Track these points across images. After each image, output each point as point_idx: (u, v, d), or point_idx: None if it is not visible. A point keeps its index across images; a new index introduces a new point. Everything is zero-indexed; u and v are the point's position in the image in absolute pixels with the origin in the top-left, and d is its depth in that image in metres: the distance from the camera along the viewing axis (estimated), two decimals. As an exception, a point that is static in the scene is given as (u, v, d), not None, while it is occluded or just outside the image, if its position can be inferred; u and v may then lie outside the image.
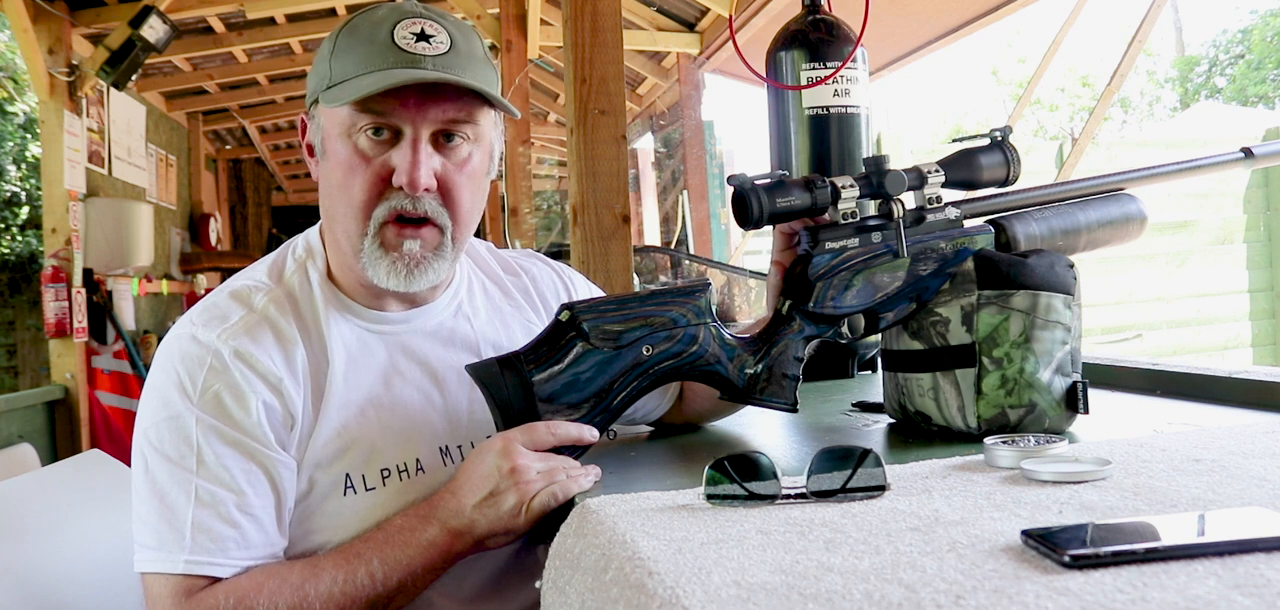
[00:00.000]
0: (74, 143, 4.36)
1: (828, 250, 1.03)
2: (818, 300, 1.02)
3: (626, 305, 1.00)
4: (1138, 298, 5.78)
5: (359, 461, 1.01)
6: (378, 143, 0.99)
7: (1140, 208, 1.14)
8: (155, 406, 0.97)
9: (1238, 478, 0.74)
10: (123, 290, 4.94)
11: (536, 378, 0.97)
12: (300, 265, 1.07)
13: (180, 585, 0.93)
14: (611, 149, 1.95)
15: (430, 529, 0.96)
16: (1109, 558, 0.54)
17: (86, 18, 4.48)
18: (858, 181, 1.04)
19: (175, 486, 0.94)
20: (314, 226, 1.12)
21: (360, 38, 0.99)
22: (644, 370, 0.99)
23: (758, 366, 1.02)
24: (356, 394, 1.02)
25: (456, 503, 0.95)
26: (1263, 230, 6.03)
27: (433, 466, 1.05)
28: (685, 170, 5.39)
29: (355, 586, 0.94)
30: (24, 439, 3.86)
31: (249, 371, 0.97)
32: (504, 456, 0.93)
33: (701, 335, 1.00)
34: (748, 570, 0.59)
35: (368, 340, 1.06)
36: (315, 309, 1.04)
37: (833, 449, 0.78)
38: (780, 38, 1.49)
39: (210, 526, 0.93)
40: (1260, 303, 6.03)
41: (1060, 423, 1.00)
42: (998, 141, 1.07)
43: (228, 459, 0.95)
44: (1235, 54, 16.03)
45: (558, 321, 0.98)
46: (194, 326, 1.00)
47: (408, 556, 0.95)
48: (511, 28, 4.55)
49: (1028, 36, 18.48)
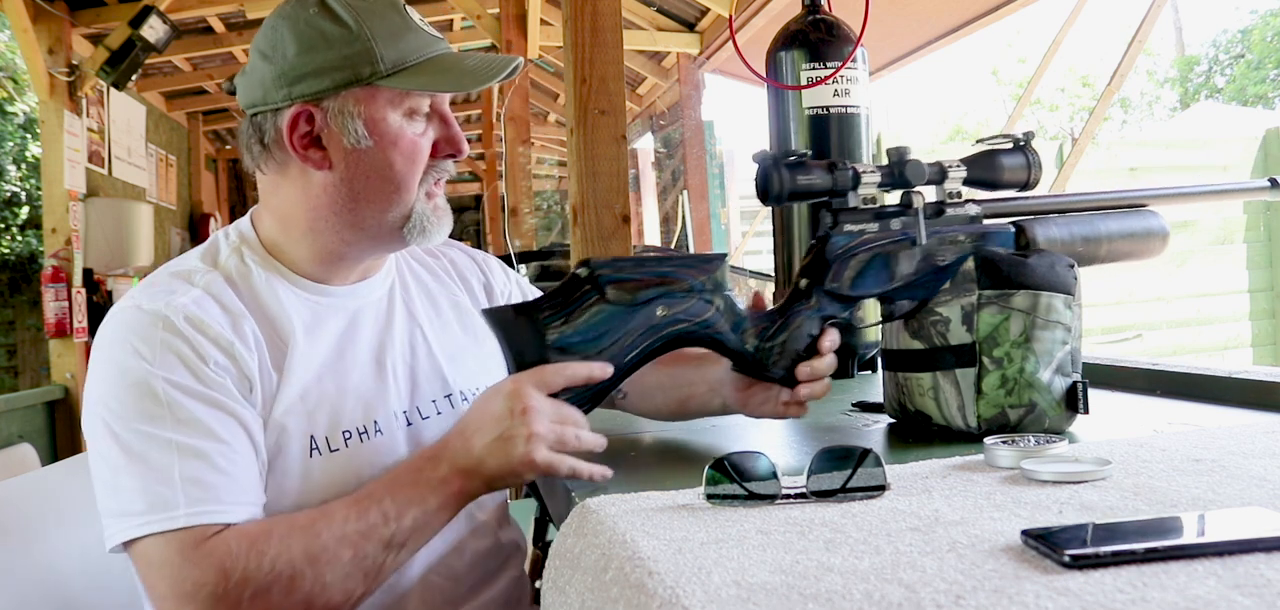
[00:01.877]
0: (74, 143, 4.36)
1: (846, 231, 1.04)
2: (834, 279, 1.03)
3: (644, 265, 1.00)
4: (1138, 298, 5.78)
5: (322, 424, 1.00)
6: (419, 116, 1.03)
7: (1162, 224, 1.15)
8: (111, 378, 0.93)
9: (1238, 478, 0.74)
10: (123, 290, 4.94)
11: (551, 327, 0.97)
12: (235, 250, 1.05)
13: (185, 539, 0.88)
14: (611, 149, 1.96)
15: (440, 468, 0.95)
16: (1109, 558, 0.54)
17: (86, 18, 4.49)
18: (879, 169, 1.05)
19: (154, 447, 0.90)
20: (243, 218, 1.10)
21: (389, 25, 0.99)
22: (657, 331, 0.99)
23: (770, 340, 1.02)
24: (314, 359, 1.02)
25: (464, 443, 0.95)
26: (1263, 230, 6.03)
27: (390, 428, 1.05)
28: (685, 170, 5.39)
29: (368, 525, 0.92)
30: (24, 439, 3.86)
31: (199, 335, 0.94)
32: (514, 398, 0.93)
33: (716, 303, 1.01)
34: (748, 570, 0.59)
35: (319, 311, 1.05)
36: (259, 285, 1.03)
37: (833, 449, 0.78)
38: (780, 38, 1.50)
39: (201, 477, 0.90)
40: (1260, 303, 6.03)
41: (1060, 423, 1.00)
42: (1021, 145, 1.08)
43: (200, 412, 0.92)
44: (1235, 54, 16.04)
45: (575, 275, 0.98)
46: (136, 300, 0.97)
47: (419, 494, 0.94)
48: (511, 28, 4.55)
49: (1028, 36, 18.50)
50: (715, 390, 1.12)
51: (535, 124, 6.81)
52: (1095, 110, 4.64)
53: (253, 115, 1.02)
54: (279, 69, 0.98)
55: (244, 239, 1.07)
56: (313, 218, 1.03)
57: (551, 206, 9.01)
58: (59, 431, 4.20)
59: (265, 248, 1.06)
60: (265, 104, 1.00)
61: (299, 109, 0.98)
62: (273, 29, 1.00)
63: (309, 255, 1.05)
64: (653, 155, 6.23)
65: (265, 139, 1.01)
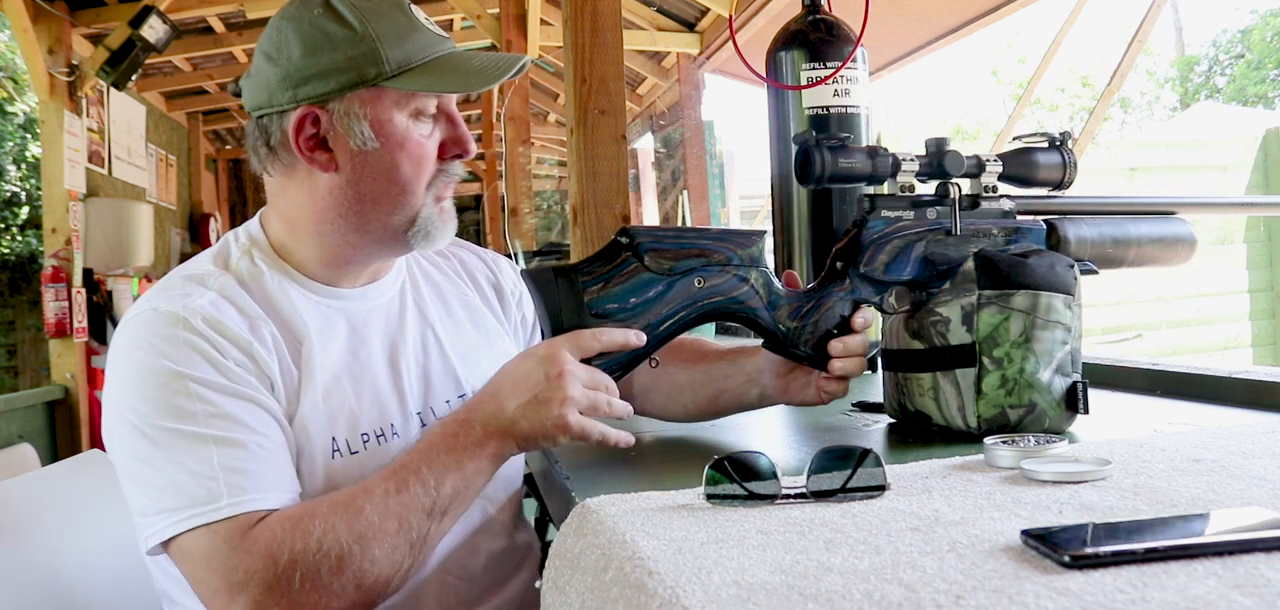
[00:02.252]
0: (74, 143, 4.36)
1: (883, 216, 1.05)
2: (869, 263, 1.04)
3: (685, 235, 1.01)
4: (1138, 298, 5.78)
5: (342, 426, 1.00)
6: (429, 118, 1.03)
7: (1191, 231, 1.15)
8: (135, 380, 0.92)
9: (1238, 478, 0.74)
10: (123, 290, 4.94)
11: (589, 291, 0.98)
12: (246, 252, 1.05)
13: (232, 529, 0.87)
14: (611, 149, 1.96)
15: (473, 432, 0.95)
16: (1109, 558, 0.54)
17: (86, 18, 4.49)
18: (918, 158, 1.06)
19: (189, 443, 0.89)
20: (252, 220, 1.10)
21: (394, 26, 0.98)
22: (693, 302, 1.00)
23: (802, 320, 1.03)
24: (330, 362, 1.02)
25: (496, 404, 0.95)
26: (1263, 230, 6.03)
27: (405, 430, 1.05)
28: (685, 170, 5.39)
29: (410, 496, 0.92)
30: (24, 439, 3.86)
31: (218, 335, 0.94)
32: (549, 362, 0.93)
33: (752, 278, 1.01)
34: (748, 570, 0.59)
35: (329, 314, 1.05)
36: (271, 289, 1.02)
37: (833, 449, 0.78)
38: (780, 38, 1.49)
39: (241, 465, 0.89)
40: (1260, 303, 6.03)
41: (1060, 423, 1.00)
42: (1057, 143, 1.08)
43: (229, 405, 0.91)
44: (1235, 54, 16.04)
45: (616, 241, 1.00)
46: (152, 302, 0.96)
47: (455, 459, 0.94)
48: (511, 28, 4.55)
49: (1028, 36, 18.50)
50: (753, 380, 1.11)
51: (535, 124, 6.81)
52: (1095, 110, 4.64)
53: (258, 117, 1.01)
54: (284, 71, 0.97)
55: (254, 241, 1.06)
56: (319, 220, 1.03)
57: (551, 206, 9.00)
58: (59, 431, 4.20)
59: (274, 250, 1.06)
60: (271, 106, 0.99)
61: (304, 111, 0.98)
62: (277, 30, 0.99)
63: (317, 257, 1.05)
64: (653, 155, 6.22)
65: (271, 141, 1.01)
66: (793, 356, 1.04)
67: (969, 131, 17.86)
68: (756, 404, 1.13)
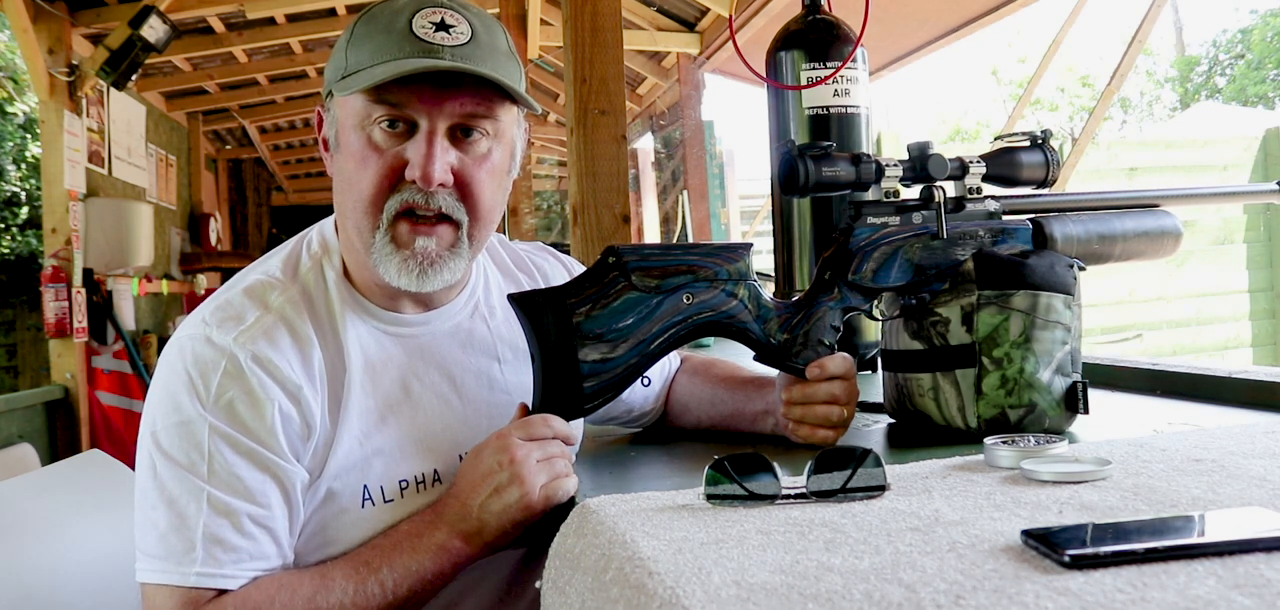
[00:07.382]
0: (74, 143, 4.36)
1: (869, 223, 1.05)
2: (856, 271, 1.04)
3: (671, 252, 1.01)
4: (1138, 298, 5.78)
5: (378, 474, 0.99)
6: (392, 135, 0.96)
7: (1176, 223, 1.16)
8: (166, 409, 0.93)
9: (1238, 478, 0.74)
10: (123, 290, 4.94)
11: (578, 312, 0.97)
12: (316, 262, 1.04)
13: (187, 597, 0.90)
14: (611, 149, 1.96)
15: (438, 533, 0.95)
16: (1109, 558, 0.54)
17: (86, 18, 4.48)
18: (901, 163, 1.06)
19: (185, 494, 0.90)
20: (328, 218, 1.09)
21: (377, 26, 0.96)
22: (683, 319, 1.00)
23: (793, 331, 1.03)
24: (375, 401, 1.00)
25: (461, 505, 0.95)
26: (1263, 230, 6.03)
27: (449, 476, 1.02)
28: (685, 170, 5.38)
29: (366, 597, 0.92)
30: (24, 439, 3.86)
31: (267, 378, 0.93)
32: (501, 451, 0.93)
33: (741, 292, 1.02)
34: (748, 570, 0.59)
35: (385, 343, 1.03)
36: (331, 309, 1.01)
37: (833, 449, 0.78)
38: (780, 38, 1.50)
39: (222, 537, 0.90)
40: (1260, 303, 6.03)
41: (1060, 423, 1.00)
42: (1039, 142, 1.08)
43: (241, 469, 0.92)
44: (1235, 54, 16.04)
45: (603, 261, 0.99)
46: (207, 327, 0.95)
47: (418, 563, 0.94)
48: (511, 28, 4.55)
49: (1028, 36, 18.52)
50: (770, 411, 1.10)
51: (535, 124, 6.81)
52: (1095, 110, 4.64)
53: None
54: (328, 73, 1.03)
55: (326, 248, 1.06)
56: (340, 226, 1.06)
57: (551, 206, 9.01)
58: (59, 431, 4.19)
59: (343, 258, 1.05)
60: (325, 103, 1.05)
61: (319, 109, 1.06)
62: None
63: (361, 273, 1.04)
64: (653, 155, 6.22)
65: None
66: (787, 368, 1.04)
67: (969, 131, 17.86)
68: (770, 434, 1.13)
